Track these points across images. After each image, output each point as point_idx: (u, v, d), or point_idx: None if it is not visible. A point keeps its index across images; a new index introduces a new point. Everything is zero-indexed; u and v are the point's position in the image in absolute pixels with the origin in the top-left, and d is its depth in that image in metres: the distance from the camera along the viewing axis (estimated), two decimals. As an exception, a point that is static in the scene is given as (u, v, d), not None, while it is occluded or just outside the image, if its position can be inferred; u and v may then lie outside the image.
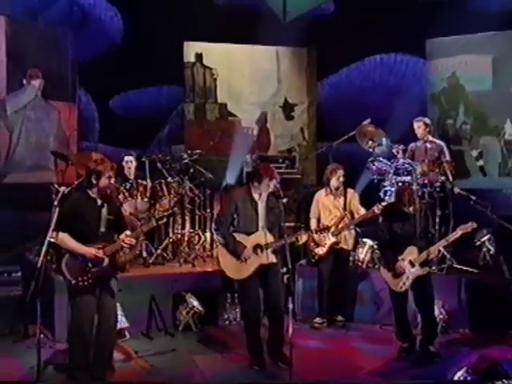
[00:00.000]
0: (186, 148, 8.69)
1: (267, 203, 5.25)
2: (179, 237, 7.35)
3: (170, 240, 7.28)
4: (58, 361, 5.18)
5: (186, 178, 7.46)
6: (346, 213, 6.59)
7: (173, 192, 7.17)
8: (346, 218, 6.58)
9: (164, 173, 7.35)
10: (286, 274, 5.01)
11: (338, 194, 6.65)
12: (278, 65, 9.78)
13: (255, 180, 5.25)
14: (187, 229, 7.48)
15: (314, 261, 6.57)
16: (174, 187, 7.20)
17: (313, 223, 6.64)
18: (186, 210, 7.52)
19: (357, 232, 6.85)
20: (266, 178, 5.20)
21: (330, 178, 6.61)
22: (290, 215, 7.42)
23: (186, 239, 7.32)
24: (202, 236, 7.52)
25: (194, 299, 6.30)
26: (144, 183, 7.09)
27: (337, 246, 6.52)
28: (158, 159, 7.44)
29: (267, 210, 5.23)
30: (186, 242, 7.30)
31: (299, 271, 6.82)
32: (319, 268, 6.55)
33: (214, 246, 7.35)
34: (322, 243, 6.45)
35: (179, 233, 7.39)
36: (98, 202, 4.84)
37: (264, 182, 5.20)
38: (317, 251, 6.49)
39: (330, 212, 6.63)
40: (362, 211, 6.55)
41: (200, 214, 7.73)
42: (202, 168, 7.66)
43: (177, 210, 7.32)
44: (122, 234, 4.84)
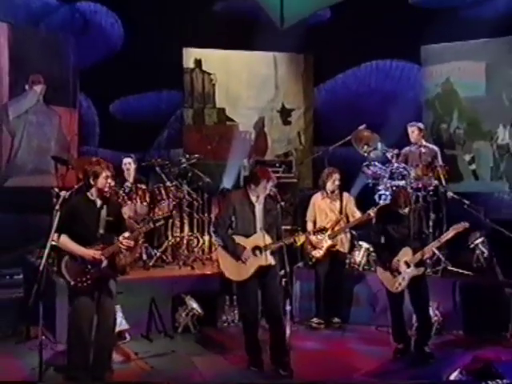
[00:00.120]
0: (184, 152, 8.70)
1: (265, 205, 5.24)
2: (178, 240, 7.35)
3: (170, 243, 7.28)
4: (59, 362, 5.17)
5: (185, 182, 7.46)
6: (341, 216, 6.61)
7: (171, 196, 7.17)
8: (341, 221, 6.59)
9: (163, 177, 7.37)
10: (283, 277, 5.01)
11: (333, 198, 6.66)
12: (276, 70, 9.81)
13: (252, 182, 5.23)
14: (186, 232, 7.50)
15: (311, 263, 6.58)
16: (172, 191, 7.20)
17: (309, 226, 6.65)
18: (184, 214, 7.53)
19: (352, 235, 6.87)
20: (264, 180, 5.18)
21: (326, 182, 6.63)
22: (287, 218, 7.43)
23: (185, 242, 7.33)
24: (200, 239, 7.52)
25: (193, 301, 6.29)
26: (143, 187, 7.10)
27: (333, 249, 6.53)
28: (157, 163, 7.46)
29: (265, 212, 5.22)
30: (185, 245, 7.31)
31: (296, 273, 6.82)
32: (316, 270, 6.56)
33: (213, 249, 7.36)
34: (318, 246, 6.48)
35: (178, 236, 7.40)
36: (98, 203, 4.83)
37: (261, 185, 5.18)
38: (314, 254, 6.50)
39: (326, 215, 6.65)
40: (358, 214, 6.57)
41: (198, 218, 7.72)
42: (200, 172, 7.65)
43: (175, 213, 7.36)
44: (120, 236, 4.82)
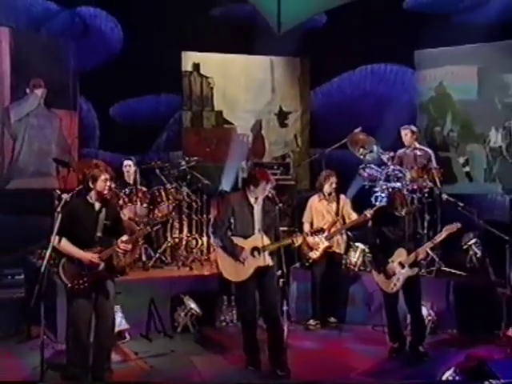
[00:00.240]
0: (183, 155, 8.71)
1: (263, 207, 5.23)
2: (177, 241, 7.36)
3: (169, 244, 7.29)
4: (60, 361, 5.16)
5: (184, 184, 7.47)
6: (338, 218, 6.63)
7: (171, 198, 7.20)
8: (338, 223, 6.61)
9: (162, 179, 7.37)
10: (281, 278, 5.02)
11: (330, 200, 6.68)
12: (272, 74, 9.81)
13: (251, 184, 5.22)
14: (185, 233, 7.51)
15: (307, 264, 6.59)
16: (172, 193, 7.22)
17: (306, 227, 6.65)
18: (183, 215, 7.54)
19: (349, 236, 6.88)
20: (263, 182, 5.17)
21: (323, 184, 6.64)
22: (285, 219, 7.44)
23: (183, 243, 7.34)
24: (199, 240, 7.53)
25: (191, 302, 6.30)
26: (143, 189, 7.11)
27: (330, 250, 6.55)
28: (157, 166, 7.46)
29: (263, 213, 5.21)
30: (183, 246, 7.31)
31: (293, 274, 6.83)
32: (313, 271, 6.57)
33: (211, 250, 7.36)
34: (315, 247, 6.48)
35: (177, 237, 7.41)
36: (96, 207, 4.82)
37: (260, 186, 5.17)
38: (310, 255, 6.51)
39: (323, 217, 6.66)
40: (354, 216, 6.58)
41: (197, 219, 7.73)
42: (199, 174, 7.66)
43: (174, 215, 7.37)
44: (118, 240, 4.82)
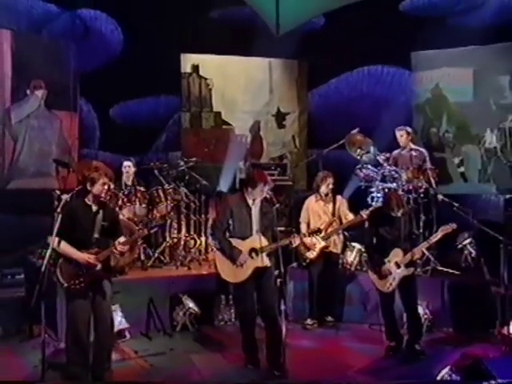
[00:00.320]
0: (182, 155, 8.73)
1: (261, 208, 5.24)
2: (176, 241, 7.37)
3: (167, 244, 7.29)
4: (60, 360, 5.17)
5: (182, 185, 7.49)
6: (334, 218, 6.62)
7: (169, 198, 7.20)
8: (334, 223, 6.61)
9: (161, 179, 7.37)
10: (278, 278, 5.02)
11: (327, 200, 6.68)
12: (271, 76, 9.82)
13: (250, 186, 5.22)
14: (183, 233, 7.52)
15: (304, 264, 6.59)
16: (170, 193, 7.23)
17: (303, 228, 6.65)
18: (182, 216, 7.54)
19: (345, 236, 6.88)
20: (260, 184, 5.17)
21: (320, 185, 6.64)
22: (282, 220, 7.45)
23: (182, 243, 7.34)
24: (197, 240, 7.54)
25: (190, 301, 6.31)
26: (142, 189, 7.11)
27: (326, 250, 6.55)
28: (156, 167, 7.46)
29: (261, 214, 5.22)
30: (182, 245, 7.32)
31: (291, 274, 6.83)
32: (310, 271, 6.58)
33: (209, 250, 7.38)
34: (312, 247, 6.49)
35: (176, 237, 7.42)
36: (93, 208, 4.83)
37: (258, 188, 5.17)
38: (307, 255, 6.52)
39: (320, 217, 6.66)
40: (350, 216, 6.58)
41: (195, 219, 7.74)
42: (197, 175, 7.67)
43: (173, 215, 7.37)
44: (115, 241, 4.83)
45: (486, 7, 8.71)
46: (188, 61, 9.44)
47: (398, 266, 5.54)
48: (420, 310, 5.91)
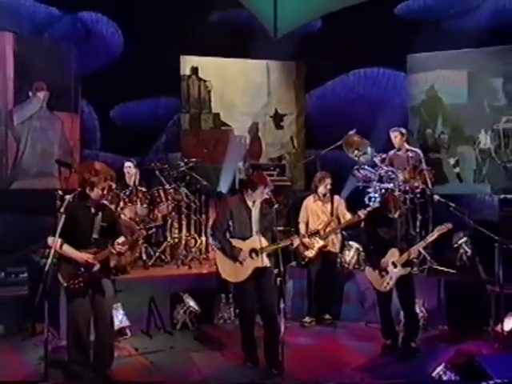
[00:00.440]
0: (182, 156, 8.73)
1: (261, 209, 5.24)
2: (176, 240, 7.38)
3: (168, 243, 7.30)
4: (62, 357, 5.17)
5: (183, 185, 7.50)
6: (332, 218, 6.65)
7: (170, 198, 7.21)
8: (332, 223, 6.63)
9: (162, 180, 7.38)
10: (278, 277, 5.03)
11: (325, 200, 6.70)
12: (269, 78, 9.82)
13: (249, 188, 5.22)
14: (184, 233, 7.52)
15: (303, 263, 6.60)
16: (171, 193, 7.24)
17: (302, 227, 6.69)
18: (182, 215, 7.55)
19: (343, 235, 6.91)
20: (261, 186, 5.18)
21: (318, 186, 6.66)
22: (281, 220, 7.45)
23: (182, 242, 7.36)
24: (197, 239, 7.55)
25: (190, 299, 6.31)
26: (143, 190, 7.12)
27: (325, 249, 6.56)
28: (157, 167, 7.47)
29: (261, 215, 5.22)
30: (182, 245, 7.33)
31: (289, 272, 6.84)
32: (308, 269, 6.59)
33: (210, 249, 7.39)
34: (311, 246, 6.50)
35: (176, 236, 7.42)
36: (93, 209, 4.82)
37: (258, 190, 5.18)
38: (306, 254, 6.53)
39: (318, 217, 6.68)
40: (348, 216, 6.60)
41: (196, 219, 7.75)
42: (197, 175, 7.68)
43: (174, 215, 7.38)
44: (114, 242, 4.83)
45: (480, 11, 8.74)
46: (187, 63, 9.44)
47: (394, 265, 5.56)
48: (416, 308, 5.93)
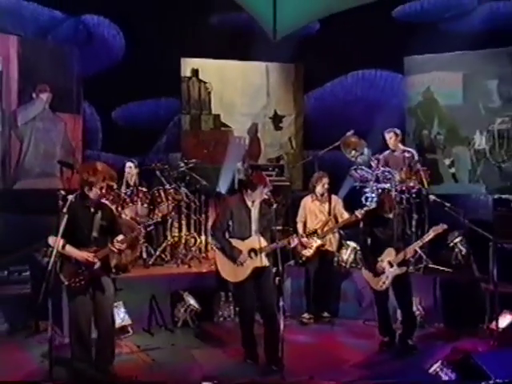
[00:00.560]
0: (182, 156, 8.75)
1: (260, 210, 5.25)
2: (176, 240, 7.38)
3: (168, 242, 7.30)
4: (65, 355, 5.18)
5: (183, 185, 7.49)
6: (330, 217, 6.66)
7: (170, 198, 7.22)
8: (330, 222, 6.64)
9: (162, 180, 7.39)
10: (277, 276, 5.04)
11: (323, 200, 6.71)
12: (268, 79, 9.84)
13: (249, 188, 5.23)
14: (184, 232, 7.54)
15: (301, 262, 6.62)
16: (171, 193, 7.24)
17: (300, 227, 6.70)
18: (182, 215, 7.57)
19: (340, 235, 6.92)
20: (260, 186, 5.18)
21: (316, 186, 6.67)
22: (279, 219, 7.46)
23: (182, 242, 7.36)
24: (197, 239, 7.55)
25: (190, 298, 6.33)
26: (144, 190, 7.13)
27: (322, 248, 6.58)
28: (157, 168, 7.48)
29: (260, 216, 5.23)
30: (182, 244, 7.33)
31: (288, 271, 6.86)
32: (306, 268, 6.60)
33: (209, 248, 7.41)
34: (308, 245, 6.51)
35: (176, 236, 7.43)
36: (92, 209, 4.83)
37: (258, 190, 5.18)
38: (304, 253, 6.54)
39: (316, 216, 6.70)
40: (346, 215, 6.61)
41: (196, 219, 7.76)
42: (197, 175, 7.68)
43: (174, 215, 7.39)
44: (114, 240, 4.83)
45: (475, 14, 8.77)
46: (188, 65, 9.46)
47: (390, 264, 5.57)
48: (413, 308, 5.94)
